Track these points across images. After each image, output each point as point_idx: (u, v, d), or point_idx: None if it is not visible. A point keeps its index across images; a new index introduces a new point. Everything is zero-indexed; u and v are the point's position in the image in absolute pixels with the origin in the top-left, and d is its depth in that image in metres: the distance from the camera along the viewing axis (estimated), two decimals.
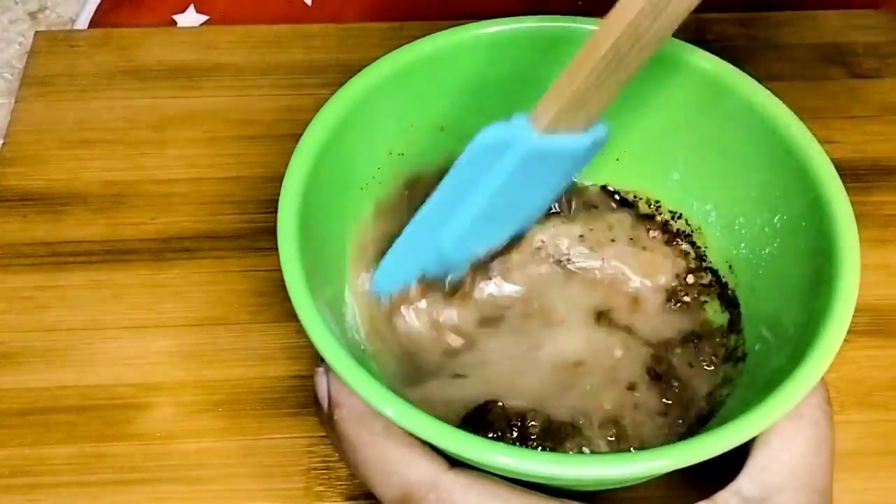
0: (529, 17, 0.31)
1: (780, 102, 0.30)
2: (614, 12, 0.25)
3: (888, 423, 0.33)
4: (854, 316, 0.25)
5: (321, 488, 0.32)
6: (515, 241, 0.33)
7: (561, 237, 0.34)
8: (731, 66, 0.30)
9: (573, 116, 0.27)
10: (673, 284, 0.33)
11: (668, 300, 0.33)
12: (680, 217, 0.33)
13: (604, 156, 0.33)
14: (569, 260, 0.34)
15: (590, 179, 0.34)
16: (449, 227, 0.29)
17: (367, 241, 0.32)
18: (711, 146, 0.32)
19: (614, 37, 0.25)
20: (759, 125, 0.30)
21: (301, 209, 0.27)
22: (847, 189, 0.28)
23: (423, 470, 0.24)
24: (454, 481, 0.24)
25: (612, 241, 0.34)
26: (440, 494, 0.24)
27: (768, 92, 0.30)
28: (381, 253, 0.31)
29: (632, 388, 0.31)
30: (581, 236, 0.34)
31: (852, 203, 0.28)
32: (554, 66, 0.30)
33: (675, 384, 0.31)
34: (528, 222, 0.32)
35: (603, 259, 0.34)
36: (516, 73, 0.32)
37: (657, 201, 0.34)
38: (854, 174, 0.39)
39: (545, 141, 0.27)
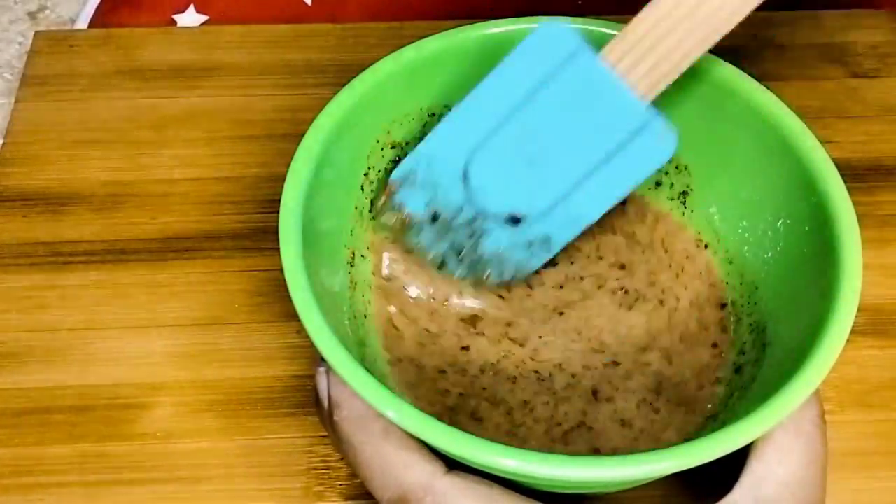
0: (533, 17, 0.31)
1: (785, 106, 0.29)
2: None
3: (888, 423, 0.33)
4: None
5: (321, 488, 0.32)
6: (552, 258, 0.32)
7: None
8: (735, 69, 0.30)
9: (636, 62, 0.27)
10: None
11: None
12: None
13: None
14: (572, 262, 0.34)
15: None
16: (479, 146, 0.28)
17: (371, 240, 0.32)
18: (715, 149, 0.31)
19: None
20: (764, 129, 0.30)
21: (303, 209, 0.27)
22: (846, 189, 0.28)
23: (420, 473, 0.24)
24: (450, 485, 0.24)
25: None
26: (435, 498, 0.24)
27: (773, 95, 0.30)
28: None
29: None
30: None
31: (852, 203, 0.27)
32: None
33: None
34: (572, 224, 0.30)
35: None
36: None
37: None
38: (854, 174, 0.39)
39: (605, 71, 0.27)
